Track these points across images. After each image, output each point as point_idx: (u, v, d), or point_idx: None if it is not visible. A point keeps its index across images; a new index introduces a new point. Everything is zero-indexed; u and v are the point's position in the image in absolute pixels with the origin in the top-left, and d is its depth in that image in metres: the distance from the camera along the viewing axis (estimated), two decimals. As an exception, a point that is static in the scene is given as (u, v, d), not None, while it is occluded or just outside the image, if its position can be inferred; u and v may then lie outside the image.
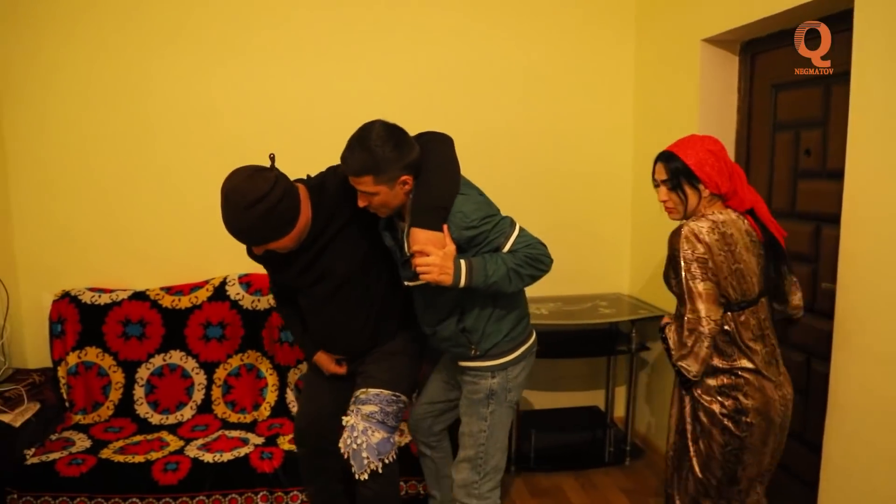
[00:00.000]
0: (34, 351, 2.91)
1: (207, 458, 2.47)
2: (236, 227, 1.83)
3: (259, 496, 2.44)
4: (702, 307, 1.81)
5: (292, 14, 3.03)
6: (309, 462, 2.35)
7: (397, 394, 2.12)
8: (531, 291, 3.36)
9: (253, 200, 1.78)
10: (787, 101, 2.56)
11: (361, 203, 1.86)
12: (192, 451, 2.54)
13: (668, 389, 3.12)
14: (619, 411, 3.57)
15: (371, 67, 3.13)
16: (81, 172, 2.97)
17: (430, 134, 1.98)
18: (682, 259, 1.83)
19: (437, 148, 1.94)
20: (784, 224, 2.60)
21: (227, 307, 2.91)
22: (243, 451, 2.54)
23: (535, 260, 1.90)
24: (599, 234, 3.49)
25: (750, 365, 1.88)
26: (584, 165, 3.41)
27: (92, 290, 2.89)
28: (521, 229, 1.96)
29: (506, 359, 2.01)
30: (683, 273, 1.83)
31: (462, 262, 1.82)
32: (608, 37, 3.33)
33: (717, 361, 1.90)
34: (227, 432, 2.71)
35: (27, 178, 2.92)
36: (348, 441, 2.02)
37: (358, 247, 2.04)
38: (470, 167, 3.27)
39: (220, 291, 2.92)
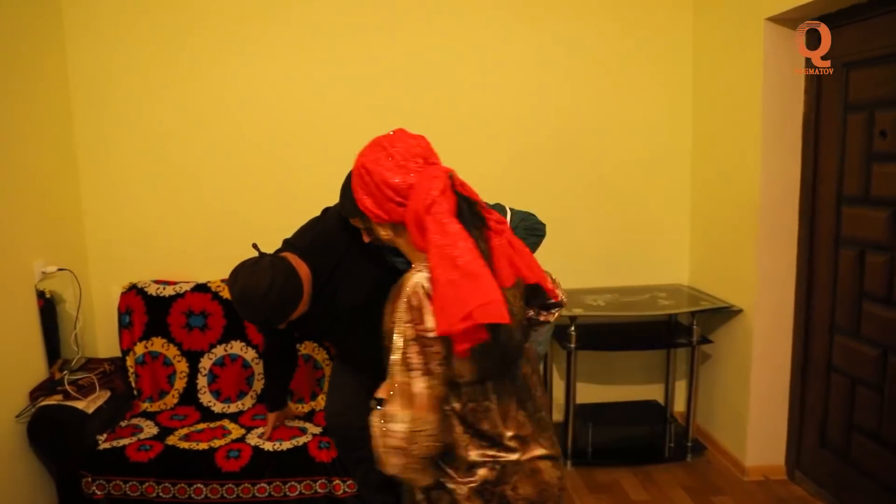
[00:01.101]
0: (105, 341, 3.04)
1: (268, 446, 2.53)
2: (261, 318, 2.01)
3: (318, 484, 2.48)
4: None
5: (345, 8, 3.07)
6: (345, 454, 2.41)
7: None
8: (587, 282, 3.36)
9: (264, 291, 1.94)
10: (861, 80, 2.43)
11: (367, 239, 1.95)
12: (252, 439, 2.60)
13: (730, 384, 3.03)
14: (679, 406, 3.48)
15: (416, 58, 3.14)
16: (148, 170, 3.08)
17: None
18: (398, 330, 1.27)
19: None
20: (858, 210, 2.48)
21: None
22: (301, 440, 2.58)
23: (533, 229, 2.07)
24: (657, 223, 3.40)
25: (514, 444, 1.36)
26: (641, 151, 3.33)
27: (157, 282, 2.99)
28: (511, 209, 2.11)
29: None
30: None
31: None
32: (665, 18, 3.22)
33: (472, 452, 1.35)
34: (285, 422, 2.76)
35: (97, 176, 3.04)
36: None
37: (365, 278, 2.15)
38: (519, 156, 3.29)
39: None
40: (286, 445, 2.54)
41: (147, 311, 2.92)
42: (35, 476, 2.51)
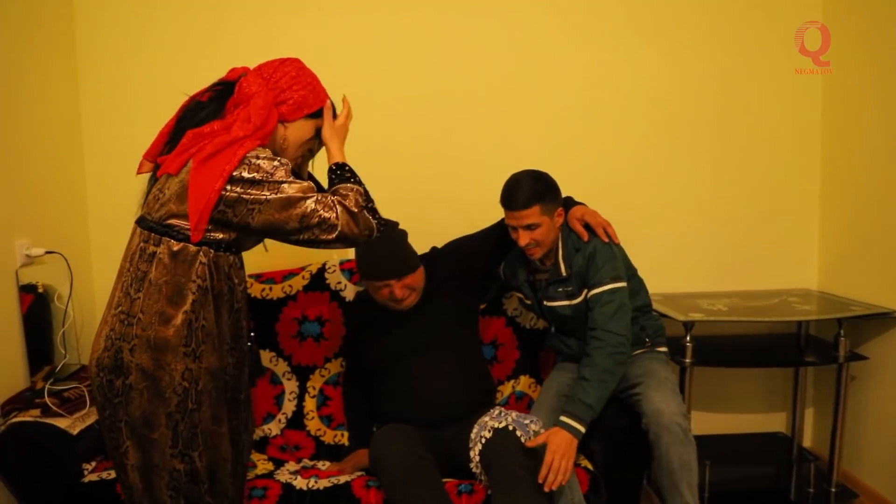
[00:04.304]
0: (107, 347, 2.52)
1: (301, 484, 1.95)
2: (390, 250, 2.06)
3: (364, 534, 1.89)
4: None
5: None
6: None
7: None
8: (696, 286, 2.74)
9: (394, 226, 2.11)
10: None
11: (523, 241, 2.00)
12: (283, 475, 2.03)
13: (892, 413, 2.36)
14: (806, 440, 2.79)
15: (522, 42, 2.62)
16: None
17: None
18: None
19: None
20: None
21: (327, 299, 2.42)
22: (343, 477, 2.00)
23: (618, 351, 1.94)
24: (779, 213, 2.76)
25: None
26: (755, 128, 2.71)
27: (172, 277, 2.46)
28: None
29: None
30: None
31: (565, 420, 1.87)
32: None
33: None
34: (319, 464, 2.20)
35: (103, 156, 2.55)
36: (503, 415, 1.92)
37: (454, 310, 2.20)
38: (620, 142, 2.66)
39: (317, 280, 2.43)
40: (323, 484, 1.95)
41: (158, 310, 2.39)
42: (-1, 513, 1.97)
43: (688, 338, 2.28)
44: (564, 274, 2.06)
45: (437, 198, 2.63)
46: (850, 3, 2.51)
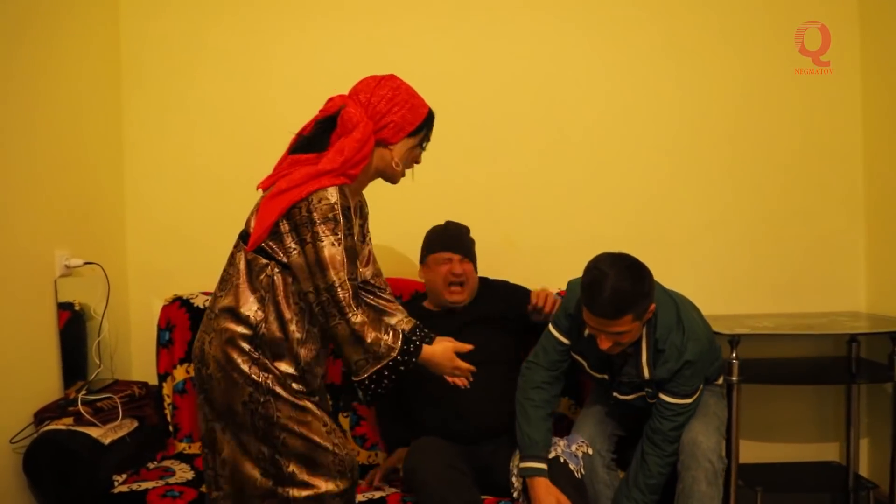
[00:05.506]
0: (141, 364, 2.50)
1: (333, 499, 1.89)
2: (459, 231, 2.21)
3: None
4: None
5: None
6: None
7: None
8: (745, 308, 2.64)
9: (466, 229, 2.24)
10: None
11: (605, 345, 1.77)
12: (313, 490, 1.97)
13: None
14: (862, 470, 2.63)
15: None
16: (200, 170, 2.60)
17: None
18: None
19: None
20: None
21: (360, 316, 2.39)
22: (378, 493, 1.94)
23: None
24: (823, 234, 2.67)
25: None
26: (799, 148, 2.66)
27: (207, 294, 2.45)
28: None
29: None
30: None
31: None
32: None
33: None
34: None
35: (143, 170, 2.60)
36: (552, 443, 1.94)
37: (496, 330, 2.17)
38: (665, 154, 2.61)
39: (350, 297, 2.41)
40: (357, 499, 1.89)
41: (192, 327, 2.37)
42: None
43: (734, 354, 2.19)
44: (647, 377, 1.88)
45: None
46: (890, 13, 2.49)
